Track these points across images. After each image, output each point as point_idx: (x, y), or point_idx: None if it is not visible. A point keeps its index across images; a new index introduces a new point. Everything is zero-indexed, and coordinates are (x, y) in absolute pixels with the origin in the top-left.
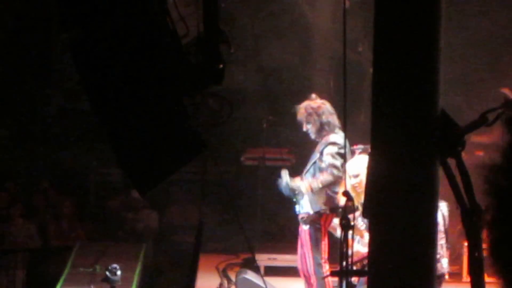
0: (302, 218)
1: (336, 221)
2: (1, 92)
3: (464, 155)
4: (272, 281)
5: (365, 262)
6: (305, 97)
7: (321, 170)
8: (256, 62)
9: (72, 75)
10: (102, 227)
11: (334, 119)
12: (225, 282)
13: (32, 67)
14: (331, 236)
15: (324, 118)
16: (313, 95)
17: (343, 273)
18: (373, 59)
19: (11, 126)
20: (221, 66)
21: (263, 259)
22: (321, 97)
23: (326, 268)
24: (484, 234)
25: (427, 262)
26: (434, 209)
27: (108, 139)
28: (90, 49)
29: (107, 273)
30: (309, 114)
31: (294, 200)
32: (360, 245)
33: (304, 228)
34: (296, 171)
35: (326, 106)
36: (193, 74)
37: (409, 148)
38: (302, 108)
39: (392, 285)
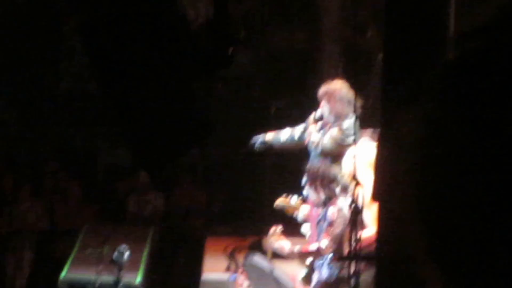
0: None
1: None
2: (10, 72)
3: None
4: (280, 264)
5: (373, 247)
6: (314, 82)
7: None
8: (264, 47)
9: (81, 57)
10: (110, 209)
11: (349, 106)
12: (233, 265)
13: (41, 48)
14: None
15: (334, 103)
16: (339, 81)
17: (351, 258)
18: (383, 44)
19: (20, 107)
20: (230, 50)
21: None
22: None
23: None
24: None
25: None
26: None
27: (117, 121)
28: (99, 31)
29: (115, 254)
30: (324, 94)
31: None
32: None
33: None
34: (306, 155)
35: (341, 92)
36: (202, 58)
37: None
38: (322, 87)
39: (400, 270)
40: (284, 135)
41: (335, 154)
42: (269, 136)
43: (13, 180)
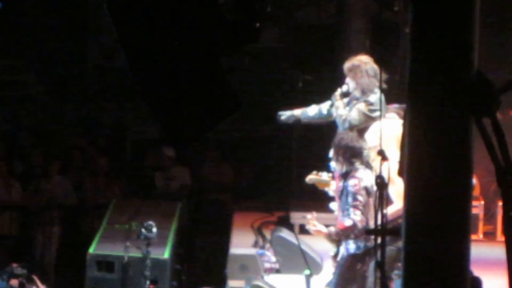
0: None
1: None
2: (38, 48)
3: (499, 115)
4: (306, 239)
5: (400, 221)
6: (340, 56)
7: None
8: (291, 21)
9: (109, 31)
10: (138, 185)
11: (373, 81)
12: (260, 240)
13: (69, 23)
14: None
15: (360, 78)
16: (364, 56)
17: (378, 232)
18: (411, 18)
19: (48, 83)
20: (257, 24)
21: (298, 218)
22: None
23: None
24: None
25: (462, 219)
26: (469, 168)
27: (145, 96)
28: (127, 5)
29: (143, 230)
30: (350, 70)
31: None
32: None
33: None
34: (332, 128)
35: (366, 67)
36: (229, 32)
37: (445, 108)
38: (347, 62)
39: (426, 244)
40: (312, 110)
41: (361, 128)
42: (297, 111)
43: (42, 155)
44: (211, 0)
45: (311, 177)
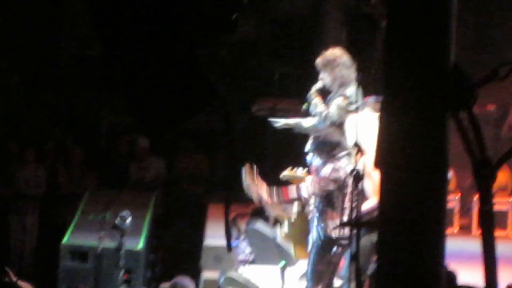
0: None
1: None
2: (13, 38)
3: (476, 108)
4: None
5: (375, 214)
6: (317, 48)
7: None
8: (268, 13)
9: (84, 21)
10: (112, 175)
11: (350, 73)
12: (235, 231)
13: (44, 11)
14: None
15: (338, 71)
16: (336, 49)
17: (352, 224)
18: (386, 12)
19: (24, 72)
20: (234, 16)
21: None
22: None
23: None
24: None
25: (437, 213)
26: (445, 161)
27: (119, 87)
28: None
29: (117, 220)
30: (324, 65)
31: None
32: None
33: None
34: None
35: (342, 59)
36: (206, 23)
37: (421, 101)
38: (319, 59)
39: (401, 237)
40: (307, 122)
41: (340, 122)
42: (292, 121)
43: (17, 144)
44: None
45: (285, 174)
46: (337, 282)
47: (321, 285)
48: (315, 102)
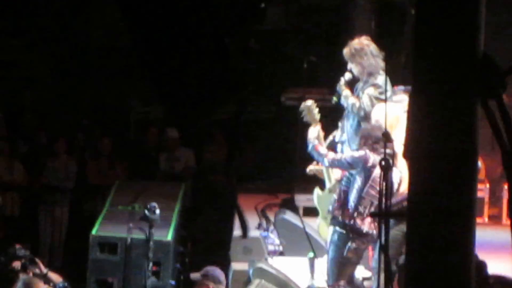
0: None
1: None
2: (41, 30)
3: (505, 97)
4: (311, 221)
5: (404, 204)
6: (346, 37)
7: None
8: (296, 2)
9: (114, 13)
10: (141, 166)
11: (378, 62)
12: (264, 222)
13: (72, 2)
14: None
15: (366, 60)
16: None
17: (382, 215)
18: (416, 0)
19: (53, 64)
20: (263, 5)
21: (302, 200)
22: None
23: None
24: None
25: (466, 202)
26: (475, 150)
27: (148, 78)
28: None
29: (146, 211)
30: (352, 55)
31: None
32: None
33: None
34: (338, 112)
35: (370, 48)
36: (235, 13)
37: (451, 89)
38: (347, 49)
39: (430, 227)
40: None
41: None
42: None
43: (47, 136)
44: None
45: (312, 168)
46: (366, 273)
47: (342, 281)
48: (346, 94)
